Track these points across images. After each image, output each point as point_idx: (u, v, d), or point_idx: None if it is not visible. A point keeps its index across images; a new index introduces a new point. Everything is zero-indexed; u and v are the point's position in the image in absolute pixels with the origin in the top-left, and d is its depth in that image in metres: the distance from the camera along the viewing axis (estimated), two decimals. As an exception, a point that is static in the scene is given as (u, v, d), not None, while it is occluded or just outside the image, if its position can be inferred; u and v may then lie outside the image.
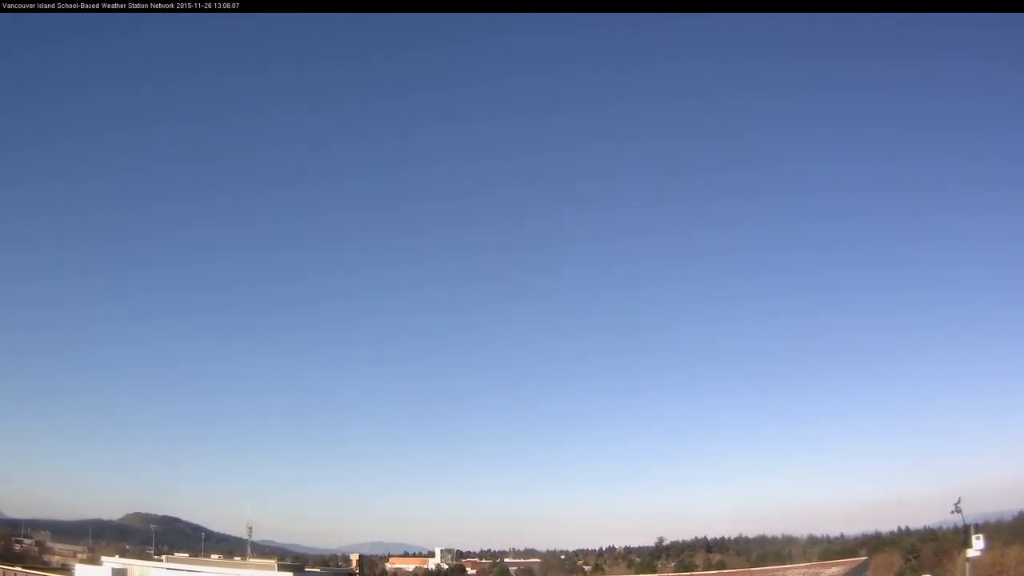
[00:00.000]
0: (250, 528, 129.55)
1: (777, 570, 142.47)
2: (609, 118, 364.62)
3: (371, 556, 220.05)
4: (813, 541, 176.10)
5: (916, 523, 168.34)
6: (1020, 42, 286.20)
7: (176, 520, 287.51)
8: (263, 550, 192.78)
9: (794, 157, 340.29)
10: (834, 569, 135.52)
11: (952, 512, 70.58)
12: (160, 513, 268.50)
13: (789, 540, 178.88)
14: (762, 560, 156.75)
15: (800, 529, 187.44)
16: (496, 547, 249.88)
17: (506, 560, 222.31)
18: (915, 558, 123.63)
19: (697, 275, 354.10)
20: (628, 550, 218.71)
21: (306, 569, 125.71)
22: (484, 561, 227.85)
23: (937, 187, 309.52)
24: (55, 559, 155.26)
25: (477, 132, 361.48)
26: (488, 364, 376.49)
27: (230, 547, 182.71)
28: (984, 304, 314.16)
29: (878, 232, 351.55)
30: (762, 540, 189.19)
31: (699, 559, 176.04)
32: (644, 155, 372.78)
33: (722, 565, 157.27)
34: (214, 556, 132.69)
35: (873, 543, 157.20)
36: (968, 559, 74.17)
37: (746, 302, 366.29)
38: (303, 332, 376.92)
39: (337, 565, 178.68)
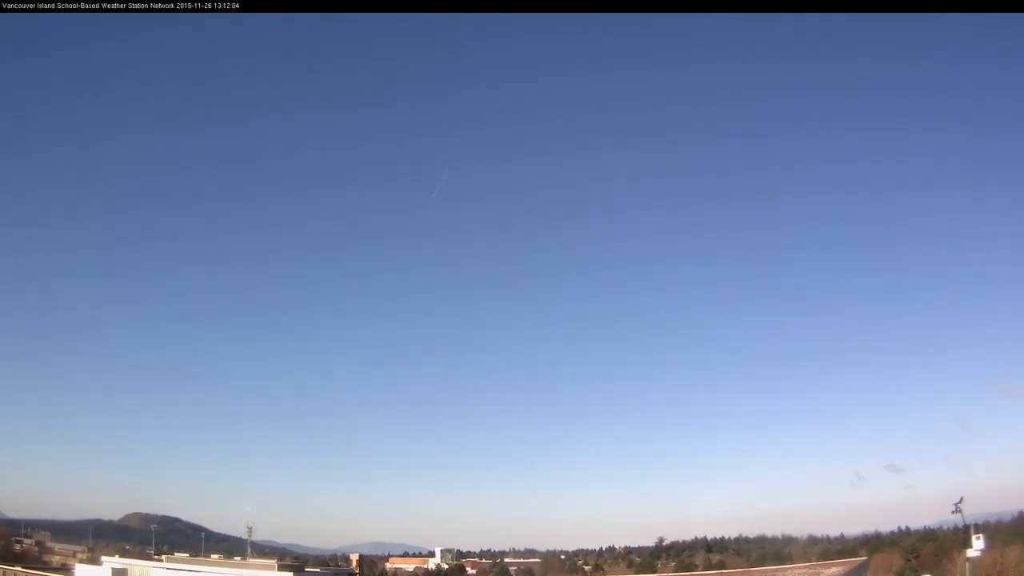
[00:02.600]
0: (250, 528, 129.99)
1: (777, 570, 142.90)
2: (608, 120, 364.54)
3: (371, 556, 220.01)
4: (813, 541, 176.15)
5: (916, 523, 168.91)
6: (1020, 42, 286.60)
7: (176, 520, 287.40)
8: (263, 550, 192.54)
9: (794, 158, 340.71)
10: (834, 569, 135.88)
11: (952, 512, 70.87)
12: (160, 513, 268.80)
13: (789, 540, 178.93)
14: (762, 560, 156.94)
15: (800, 529, 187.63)
16: (496, 547, 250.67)
17: (506, 560, 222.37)
18: (915, 558, 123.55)
19: (697, 277, 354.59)
20: (628, 550, 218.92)
21: (306, 569, 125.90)
22: (484, 561, 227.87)
23: (937, 187, 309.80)
24: (55, 559, 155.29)
25: (477, 135, 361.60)
26: (488, 365, 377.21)
27: (230, 547, 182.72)
28: (983, 305, 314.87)
29: (878, 233, 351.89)
30: (762, 540, 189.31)
31: (699, 559, 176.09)
32: (643, 157, 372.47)
33: (722, 565, 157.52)
34: (214, 556, 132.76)
35: (873, 543, 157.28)
36: (968, 559, 74.32)
37: (746, 303, 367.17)
38: (304, 334, 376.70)
39: (337, 565, 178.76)
